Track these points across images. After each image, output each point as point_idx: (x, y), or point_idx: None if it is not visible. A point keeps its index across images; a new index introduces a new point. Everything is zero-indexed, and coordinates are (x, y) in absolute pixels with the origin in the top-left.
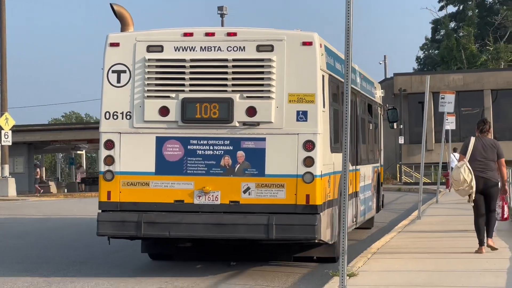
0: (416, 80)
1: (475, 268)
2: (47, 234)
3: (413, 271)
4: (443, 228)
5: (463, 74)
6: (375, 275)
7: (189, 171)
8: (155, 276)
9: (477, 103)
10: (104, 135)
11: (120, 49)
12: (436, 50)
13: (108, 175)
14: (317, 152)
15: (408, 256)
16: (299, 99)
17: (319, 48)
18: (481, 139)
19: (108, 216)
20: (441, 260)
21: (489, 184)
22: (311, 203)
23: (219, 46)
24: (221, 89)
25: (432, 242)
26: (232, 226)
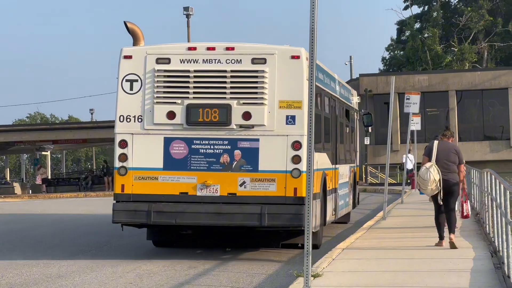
0: (381, 81)
1: (439, 268)
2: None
3: (378, 272)
4: (408, 229)
5: (428, 75)
6: (339, 275)
7: (193, 167)
8: (159, 259)
9: (442, 104)
10: (118, 135)
11: (133, 61)
12: (401, 51)
13: (122, 170)
14: (304, 151)
15: (373, 257)
16: (288, 105)
17: (306, 61)
18: (443, 143)
19: (122, 206)
20: (406, 261)
21: (450, 184)
22: (298, 195)
23: (219, 59)
24: (220, 96)
25: (397, 242)
26: (230, 215)
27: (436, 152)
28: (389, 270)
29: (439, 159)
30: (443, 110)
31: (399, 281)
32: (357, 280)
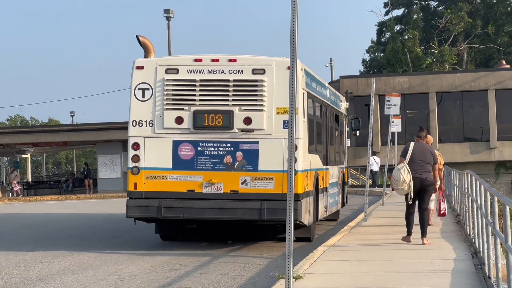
0: (362, 83)
1: (420, 269)
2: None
3: (359, 273)
4: (389, 230)
5: (409, 76)
6: (321, 277)
7: (199, 167)
8: (141, 261)
9: (423, 106)
10: (131, 138)
11: (144, 72)
12: (381, 53)
13: (135, 170)
14: (299, 152)
15: (354, 258)
16: (285, 111)
17: (301, 71)
18: (419, 145)
19: (135, 202)
20: (387, 262)
21: (424, 183)
22: (294, 192)
23: (222, 69)
24: (224, 103)
25: (378, 243)
26: (232, 210)
27: (412, 153)
28: (370, 271)
29: (414, 160)
30: (423, 111)
31: (380, 282)
32: (339, 282)
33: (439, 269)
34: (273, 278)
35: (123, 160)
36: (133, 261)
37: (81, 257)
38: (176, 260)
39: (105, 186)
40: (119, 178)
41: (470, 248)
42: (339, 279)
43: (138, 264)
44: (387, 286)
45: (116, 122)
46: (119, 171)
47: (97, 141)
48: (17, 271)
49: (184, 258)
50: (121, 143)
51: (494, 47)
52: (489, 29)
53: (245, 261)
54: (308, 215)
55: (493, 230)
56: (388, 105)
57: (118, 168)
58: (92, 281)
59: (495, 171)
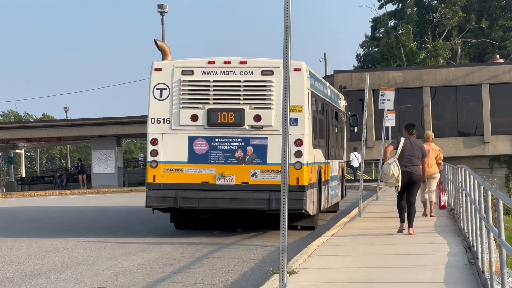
0: (356, 77)
1: (414, 264)
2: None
3: (353, 268)
4: (383, 225)
5: (403, 71)
6: (315, 272)
7: (212, 160)
8: (135, 257)
9: (417, 100)
10: (150, 134)
11: (162, 73)
12: (375, 48)
13: (153, 163)
14: (304, 147)
15: (348, 253)
16: (291, 109)
17: (306, 72)
18: (409, 140)
19: (153, 193)
20: (381, 257)
21: (412, 177)
22: (300, 184)
23: (234, 71)
24: (235, 102)
25: (372, 238)
26: (243, 200)
27: (402, 148)
28: (364, 266)
29: (404, 155)
30: (417, 106)
31: (374, 277)
32: (333, 277)
33: (433, 263)
34: (267, 273)
35: (117, 155)
36: (127, 256)
37: (76, 252)
38: (170, 256)
39: (99, 181)
40: (113, 173)
41: (464, 242)
42: (333, 274)
43: (132, 259)
44: (381, 281)
45: (110, 117)
46: (113, 166)
47: (91, 136)
48: (11, 266)
49: (179, 254)
50: (115, 138)
51: (488, 42)
52: (483, 23)
53: (242, 254)
54: (312, 205)
55: (487, 224)
56: (382, 99)
57: (112, 163)
58: (87, 276)
59: (489, 165)
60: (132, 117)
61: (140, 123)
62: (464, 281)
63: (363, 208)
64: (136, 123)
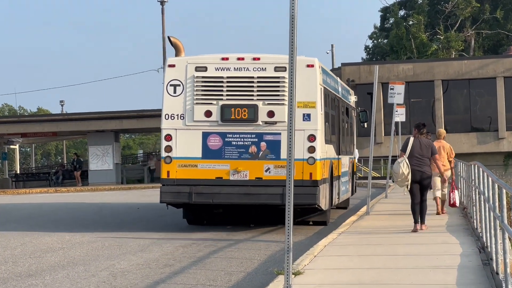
0: (364, 70)
1: (425, 265)
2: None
3: (361, 269)
4: (392, 224)
5: (413, 64)
6: (321, 273)
7: (226, 156)
8: (133, 257)
9: (428, 94)
10: (164, 131)
11: (176, 69)
12: (385, 39)
13: (167, 159)
14: (317, 143)
15: (355, 253)
16: (304, 105)
17: (318, 69)
18: (418, 139)
19: (168, 189)
20: (390, 257)
21: (424, 176)
22: (313, 179)
23: (247, 67)
24: (249, 98)
25: (381, 238)
26: (257, 195)
27: (411, 147)
28: (372, 267)
29: (413, 154)
30: (428, 100)
31: (383, 278)
32: (340, 277)
33: (444, 264)
34: (271, 274)
35: (115, 151)
36: (125, 256)
37: (72, 251)
38: (171, 256)
39: (96, 178)
40: (110, 170)
41: (477, 242)
42: (340, 275)
43: (131, 260)
44: (390, 283)
45: (108, 112)
46: (111, 162)
47: (88, 131)
48: (5, 266)
49: (180, 254)
50: (113, 134)
51: (503, 33)
52: (497, 14)
53: (246, 253)
54: (324, 200)
55: (501, 224)
56: (391, 93)
57: (110, 160)
58: (84, 277)
59: (503, 162)
60: (131, 111)
61: (140, 117)
62: (478, 283)
63: (371, 206)
64: (135, 118)
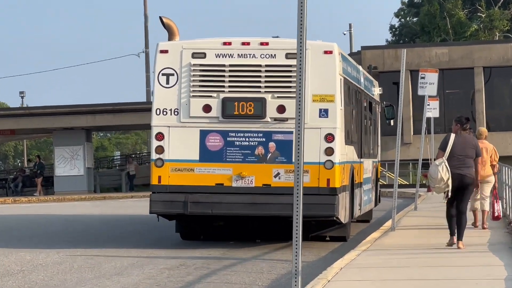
0: (389, 55)
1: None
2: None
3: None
4: (423, 242)
5: (449, 47)
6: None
7: (228, 159)
8: (188, 248)
9: (466, 84)
10: (155, 128)
11: (169, 56)
12: (414, 17)
13: (159, 162)
14: (336, 143)
15: (377, 277)
16: (321, 99)
17: (338, 56)
18: (461, 136)
19: (159, 197)
20: (419, 282)
21: (464, 180)
22: (331, 186)
23: (254, 54)
24: (255, 90)
25: (409, 259)
26: (264, 205)
27: (452, 145)
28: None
29: (455, 154)
30: (467, 92)
31: None
32: None
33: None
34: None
35: (87, 152)
36: (98, 281)
37: (34, 275)
38: (154, 280)
39: (63, 185)
40: (81, 176)
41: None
42: None
43: (105, 285)
44: None
45: (78, 105)
46: (82, 167)
47: (53, 129)
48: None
49: (165, 277)
50: (84, 132)
51: None
52: None
53: (244, 278)
54: (344, 212)
55: None
56: (422, 83)
57: (80, 163)
58: None
59: None
60: (106, 104)
61: (116, 112)
62: None
63: (397, 220)
64: (111, 113)
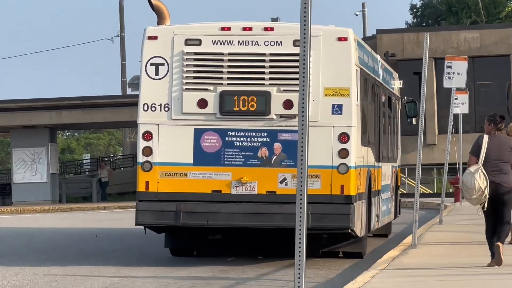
0: (410, 40)
1: None
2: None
3: None
4: (449, 262)
5: (480, 31)
6: None
7: (227, 162)
8: (177, 266)
9: (501, 75)
10: (142, 126)
11: (158, 42)
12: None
13: (146, 165)
14: (352, 144)
15: None
16: (334, 93)
17: (354, 43)
18: (496, 138)
19: (146, 206)
20: None
21: (500, 190)
22: (345, 193)
23: (257, 41)
24: (258, 83)
25: (432, 282)
26: (269, 215)
27: (486, 149)
28: None
29: (489, 158)
30: (501, 83)
31: None
32: None
33: None
34: None
35: (51, 155)
36: None
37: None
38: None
39: (23, 195)
40: (44, 183)
41: None
42: None
43: None
44: None
45: (41, 99)
46: (45, 172)
47: (11, 127)
48: None
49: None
50: (48, 131)
51: None
52: None
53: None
54: (360, 224)
55: None
56: (449, 73)
57: (43, 168)
58: None
59: None
60: (74, 98)
61: (86, 107)
62: None
63: (419, 235)
64: (79, 108)
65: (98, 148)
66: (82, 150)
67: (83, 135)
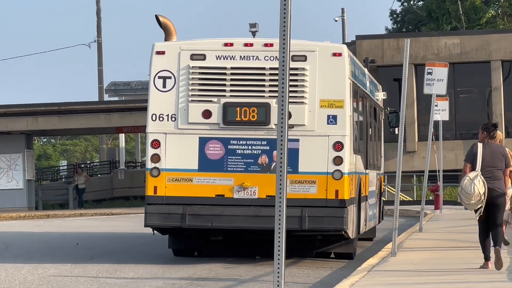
0: (390, 46)
1: None
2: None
3: None
4: (429, 269)
5: (461, 37)
6: None
7: (230, 168)
8: (176, 264)
9: (482, 81)
10: (151, 135)
11: (166, 57)
12: (420, 1)
13: (155, 171)
14: (345, 152)
15: None
16: (329, 104)
17: (347, 58)
18: (489, 146)
19: (155, 209)
20: None
21: (494, 194)
22: (340, 198)
23: (257, 56)
24: (259, 95)
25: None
26: (269, 218)
27: (482, 158)
28: None
29: (483, 165)
30: (482, 90)
31: None
32: None
33: None
34: None
35: (27, 162)
36: None
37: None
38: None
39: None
40: (20, 190)
41: None
42: None
43: None
44: None
45: (17, 105)
46: (21, 179)
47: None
48: None
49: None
50: (24, 137)
51: None
52: None
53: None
54: (352, 226)
55: None
56: (429, 79)
57: (19, 175)
58: None
59: None
60: (50, 104)
61: (63, 113)
62: None
63: (399, 243)
64: (56, 114)
65: (74, 154)
66: (58, 157)
67: (60, 141)
